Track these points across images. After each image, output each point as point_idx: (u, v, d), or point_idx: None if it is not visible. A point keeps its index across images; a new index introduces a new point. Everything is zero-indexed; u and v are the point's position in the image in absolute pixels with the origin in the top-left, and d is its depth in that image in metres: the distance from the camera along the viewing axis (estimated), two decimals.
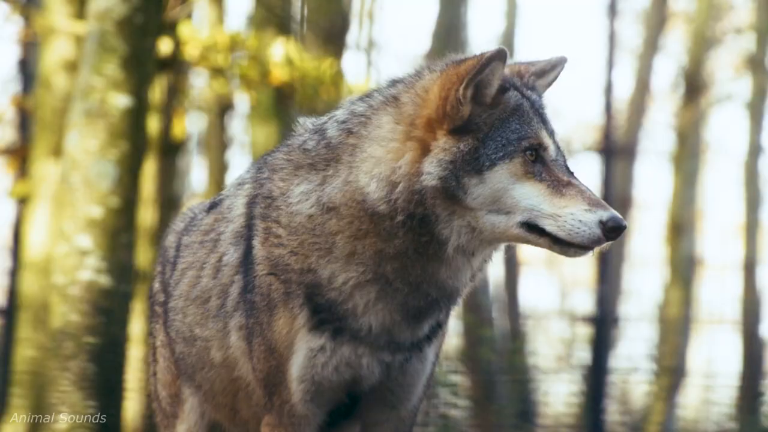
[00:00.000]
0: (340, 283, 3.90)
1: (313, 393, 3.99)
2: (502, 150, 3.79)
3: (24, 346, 8.52)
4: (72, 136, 7.49)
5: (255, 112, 11.04)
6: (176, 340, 4.46)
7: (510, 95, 3.85)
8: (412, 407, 4.13)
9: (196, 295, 4.31)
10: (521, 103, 3.85)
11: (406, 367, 4.03)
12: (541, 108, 3.92)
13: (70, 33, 8.85)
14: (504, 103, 3.84)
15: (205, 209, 4.50)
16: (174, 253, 4.57)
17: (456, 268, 3.88)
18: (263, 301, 4.00)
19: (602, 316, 10.88)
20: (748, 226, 14.50)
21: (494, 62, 3.77)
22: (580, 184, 3.80)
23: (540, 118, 3.87)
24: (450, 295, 3.94)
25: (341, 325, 3.93)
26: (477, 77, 3.77)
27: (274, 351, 4.00)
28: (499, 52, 3.78)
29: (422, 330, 4.00)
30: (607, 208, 3.76)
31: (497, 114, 3.83)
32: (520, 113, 3.84)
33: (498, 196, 3.77)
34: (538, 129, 3.83)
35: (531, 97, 3.90)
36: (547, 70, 3.99)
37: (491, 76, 3.79)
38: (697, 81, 14.65)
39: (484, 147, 3.79)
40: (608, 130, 11.40)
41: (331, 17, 10.40)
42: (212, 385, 4.32)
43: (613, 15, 11.77)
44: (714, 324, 15.45)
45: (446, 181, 3.78)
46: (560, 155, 3.85)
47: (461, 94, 3.79)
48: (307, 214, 3.93)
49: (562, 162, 3.85)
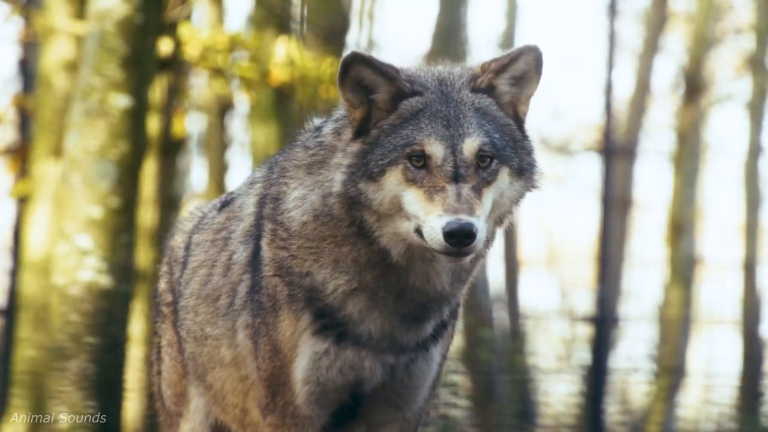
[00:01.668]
0: (331, 290, 3.94)
1: (317, 394, 4.00)
2: (388, 156, 3.79)
3: (24, 346, 8.51)
4: (72, 136, 7.50)
5: (255, 112, 11.04)
6: (187, 339, 4.47)
7: (411, 101, 3.84)
8: (418, 408, 4.14)
9: (207, 294, 4.33)
10: (421, 108, 3.83)
11: (412, 369, 4.03)
12: (457, 111, 3.83)
13: (70, 33, 8.85)
14: (400, 109, 3.84)
15: (216, 208, 4.52)
16: (183, 253, 4.58)
17: (424, 274, 3.88)
18: (269, 302, 4.02)
19: (602, 316, 10.87)
20: (748, 226, 14.49)
21: (352, 66, 3.82)
22: (455, 189, 3.72)
23: (444, 122, 3.80)
24: (439, 298, 3.94)
25: (343, 331, 3.94)
26: (341, 80, 3.82)
27: (278, 352, 4.00)
28: (352, 56, 3.83)
29: (425, 331, 4.00)
30: (455, 213, 3.67)
31: (392, 120, 3.84)
32: (417, 119, 3.81)
33: (395, 202, 3.78)
34: (427, 135, 3.78)
35: (445, 102, 3.84)
36: (508, 64, 3.89)
37: (358, 78, 3.83)
38: (697, 81, 14.64)
39: (372, 152, 3.81)
40: (608, 130, 11.39)
41: (331, 17, 10.40)
42: (223, 385, 4.33)
43: (613, 15, 11.76)
44: (714, 324, 15.44)
45: (346, 186, 3.83)
46: (449, 161, 3.75)
47: (342, 96, 3.85)
48: (300, 221, 3.96)
49: (449, 167, 3.74)
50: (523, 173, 3.87)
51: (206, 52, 10.14)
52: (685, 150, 14.93)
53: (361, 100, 3.86)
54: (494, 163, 3.79)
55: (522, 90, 3.92)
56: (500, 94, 3.91)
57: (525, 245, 18.42)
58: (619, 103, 15.42)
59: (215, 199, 4.73)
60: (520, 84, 3.92)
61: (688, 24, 16.53)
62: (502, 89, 3.91)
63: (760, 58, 14.76)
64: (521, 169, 3.87)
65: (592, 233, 13.22)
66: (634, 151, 15.94)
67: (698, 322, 15.89)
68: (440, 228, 3.65)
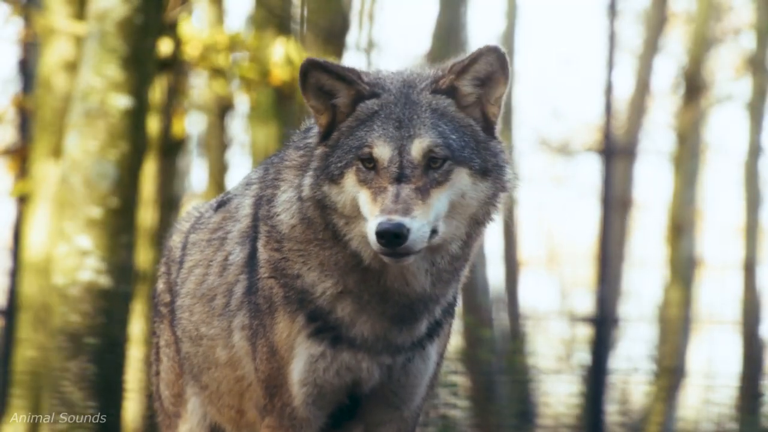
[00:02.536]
0: (320, 292, 3.95)
1: (315, 396, 4.01)
2: (345, 158, 3.83)
3: (24, 347, 8.51)
4: (72, 137, 7.50)
5: (255, 112, 11.04)
6: (182, 339, 4.47)
7: (367, 104, 3.87)
8: (416, 407, 4.14)
9: (203, 293, 4.33)
10: (377, 110, 3.85)
11: (409, 368, 4.03)
12: (411, 113, 3.84)
13: (70, 33, 8.84)
14: (357, 111, 3.87)
15: (213, 208, 4.53)
16: (180, 253, 4.58)
17: (401, 276, 3.88)
18: (265, 304, 4.03)
19: (602, 316, 10.87)
20: (748, 226, 14.48)
21: (310, 72, 3.87)
22: (395, 190, 3.73)
23: (395, 124, 3.82)
24: (423, 299, 3.93)
25: (338, 334, 3.94)
26: (303, 88, 3.88)
27: (275, 353, 4.01)
28: (308, 63, 3.88)
29: (418, 330, 4.00)
30: (388, 214, 3.68)
31: (349, 122, 3.88)
32: (371, 121, 3.84)
33: (355, 204, 3.81)
34: (377, 137, 3.80)
35: (402, 103, 3.85)
36: (469, 65, 3.88)
37: (318, 84, 3.87)
38: (697, 81, 14.64)
39: (332, 155, 3.86)
40: (608, 131, 11.39)
41: (331, 17, 10.40)
42: (219, 386, 4.33)
43: (613, 15, 11.76)
44: (714, 324, 15.43)
45: (313, 189, 3.88)
46: (395, 162, 3.76)
47: (306, 104, 3.90)
48: (289, 224, 3.99)
49: (395, 168, 3.76)
50: (488, 174, 3.84)
51: (206, 52, 10.14)
52: (685, 150, 14.92)
53: (326, 105, 3.91)
54: (447, 164, 3.78)
55: (488, 91, 3.89)
56: (463, 95, 3.89)
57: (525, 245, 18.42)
58: (619, 103, 15.42)
59: (212, 199, 4.74)
60: (487, 85, 3.89)
61: (688, 24, 16.53)
62: (465, 90, 3.89)
63: (760, 58, 14.75)
64: (485, 170, 3.83)
65: (592, 233, 13.22)
66: (634, 151, 15.93)
67: (698, 323, 15.88)
68: (373, 229, 3.68)
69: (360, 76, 3.90)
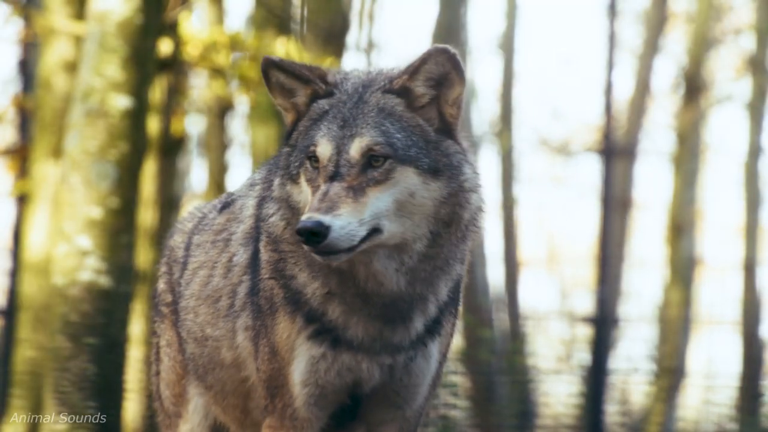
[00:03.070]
0: (311, 293, 3.97)
1: (316, 396, 4.01)
2: (299, 158, 3.86)
3: (24, 347, 8.51)
4: (72, 137, 7.49)
5: (255, 112, 11.04)
6: (187, 340, 4.48)
7: (321, 103, 3.90)
8: (418, 407, 4.14)
9: (208, 295, 4.34)
10: (327, 109, 3.87)
11: (411, 367, 4.03)
12: (357, 112, 3.85)
13: (70, 34, 8.84)
14: (311, 111, 3.90)
15: (217, 209, 4.54)
16: (183, 253, 4.59)
17: (371, 276, 3.86)
18: (267, 305, 4.04)
19: (602, 316, 10.87)
20: (748, 226, 14.48)
21: (268, 71, 3.90)
22: (325, 188, 3.74)
23: (340, 123, 3.83)
24: (404, 298, 3.91)
25: (337, 335, 3.95)
26: (268, 87, 3.91)
27: (276, 354, 4.01)
28: (265, 61, 3.90)
29: (415, 329, 3.99)
30: (311, 212, 3.69)
31: (305, 122, 3.91)
32: (321, 120, 3.86)
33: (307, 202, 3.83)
34: (321, 136, 3.82)
35: (352, 103, 3.86)
36: (419, 66, 3.85)
37: (279, 83, 3.91)
38: (697, 81, 14.64)
39: (292, 155, 3.90)
40: (608, 131, 11.39)
41: (331, 17, 10.40)
42: (224, 386, 4.34)
43: (613, 15, 11.76)
44: (714, 325, 15.44)
45: (280, 190, 3.91)
46: (332, 161, 3.78)
47: (275, 103, 3.93)
48: (280, 225, 4.00)
49: (331, 167, 3.77)
50: (439, 173, 3.80)
51: (206, 52, 10.14)
52: (685, 150, 14.92)
53: (290, 104, 3.94)
54: (388, 163, 3.76)
55: (445, 92, 3.87)
56: (417, 96, 3.87)
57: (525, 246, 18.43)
58: (619, 103, 15.43)
59: (215, 200, 4.75)
60: (443, 86, 3.87)
61: (688, 24, 16.53)
62: (418, 91, 3.87)
63: (760, 58, 14.76)
64: (436, 170, 3.80)
65: (592, 233, 13.22)
66: (634, 151, 15.94)
67: (698, 323, 15.88)
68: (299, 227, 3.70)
69: (321, 75, 3.92)
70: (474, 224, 3.94)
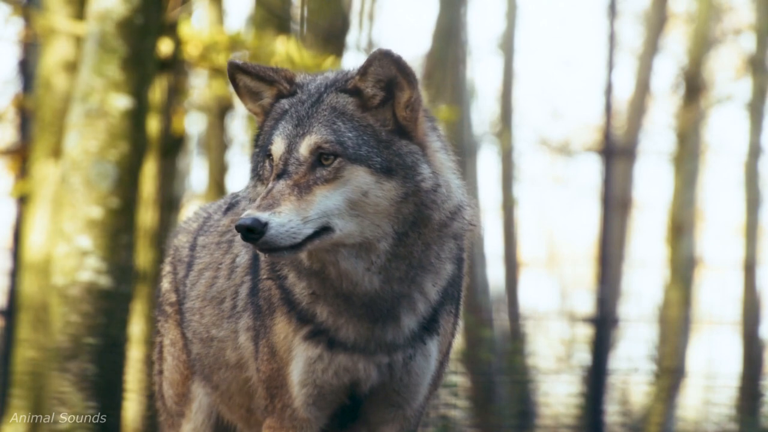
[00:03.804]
0: (298, 294, 3.98)
1: (315, 397, 4.01)
2: (262, 157, 3.88)
3: (24, 347, 8.51)
4: (72, 137, 7.50)
5: None
6: (193, 340, 4.49)
7: (281, 103, 3.92)
8: (418, 406, 4.14)
9: (213, 296, 4.36)
10: (287, 109, 3.89)
11: (411, 366, 4.03)
12: (312, 111, 3.86)
13: (70, 34, 8.84)
14: (272, 111, 3.93)
15: (222, 210, 4.55)
16: (188, 253, 4.60)
17: (343, 276, 3.86)
18: (266, 305, 4.05)
19: (602, 316, 10.87)
20: (748, 226, 14.48)
21: (234, 75, 3.93)
22: (270, 186, 3.75)
23: (295, 122, 3.84)
24: (383, 296, 3.90)
25: (331, 337, 3.94)
26: (237, 92, 3.94)
27: (275, 354, 4.02)
28: (230, 65, 3.93)
29: (407, 327, 3.98)
30: (251, 209, 3.70)
31: (268, 123, 3.93)
32: (280, 120, 3.88)
33: None
34: (276, 135, 3.84)
35: (309, 102, 3.87)
36: (366, 67, 3.86)
37: (246, 86, 3.94)
38: (697, 81, 14.64)
39: (259, 155, 3.92)
40: (608, 131, 11.39)
41: (331, 17, 10.40)
42: (229, 386, 4.36)
43: (613, 15, 11.77)
44: (714, 325, 15.43)
45: (252, 191, 3.92)
46: (282, 159, 3.79)
47: (245, 107, 3.96)
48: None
49: (281, 165, 3.78)
50: (393, 173, 3.79)
51: (206, 52, 10.14)
52: (685, 150, 14.92)
53: (259, 107, 3.97)
54: (338, 161, 3.77)
55: (396, 94, 3.86)
56: (368, 96, 3.87)
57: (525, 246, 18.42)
58: (619, 103, 15.44)
59: (220, 200, 4.76)
60: (392, 88, 3.87)
61: (688, 24, 16.54)
62: (368, 92, 3.87)
63: (760, 58, 14.76)
64: (389, 169, 3.79)
65: (592, 234, 13.22)
66: (634, 151, 15.94)
67: (698, 323, 15.87)
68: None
69: (287, 77, 3.94)
70: (452, 224, 3.91)
